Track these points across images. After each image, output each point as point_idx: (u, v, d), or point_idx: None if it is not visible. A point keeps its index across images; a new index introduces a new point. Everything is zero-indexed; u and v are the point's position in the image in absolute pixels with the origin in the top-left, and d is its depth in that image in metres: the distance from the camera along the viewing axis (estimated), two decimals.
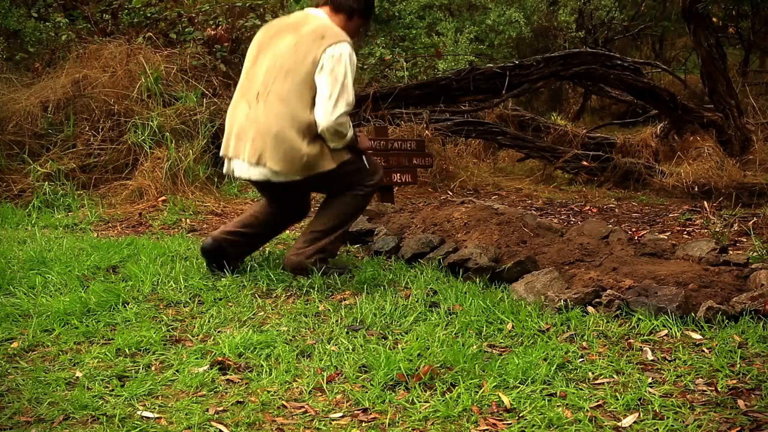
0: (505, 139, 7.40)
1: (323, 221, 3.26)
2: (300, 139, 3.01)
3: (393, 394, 2.16)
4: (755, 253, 3.63)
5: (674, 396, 2.10)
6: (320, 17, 3.20)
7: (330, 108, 3.00)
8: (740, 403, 2.04)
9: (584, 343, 2.49)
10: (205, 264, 3.31)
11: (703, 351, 2.40)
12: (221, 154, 3.27)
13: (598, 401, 2.08)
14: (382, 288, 3.06)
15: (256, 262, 3.31)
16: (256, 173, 3.10)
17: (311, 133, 3.03)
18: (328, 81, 3.01)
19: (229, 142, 3.19)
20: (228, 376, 2.29)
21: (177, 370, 2.33)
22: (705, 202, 5.34)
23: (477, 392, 2.14)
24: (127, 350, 2.47)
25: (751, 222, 4.42)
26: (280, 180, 3.10)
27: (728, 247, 3.65)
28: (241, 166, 3.14)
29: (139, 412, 2.05)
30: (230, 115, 3.23)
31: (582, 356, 2.39)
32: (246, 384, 2.25)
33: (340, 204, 3.26)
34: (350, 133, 3.13)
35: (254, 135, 3.06)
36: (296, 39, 3.11)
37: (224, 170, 3.29)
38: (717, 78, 7.35)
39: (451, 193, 6.23)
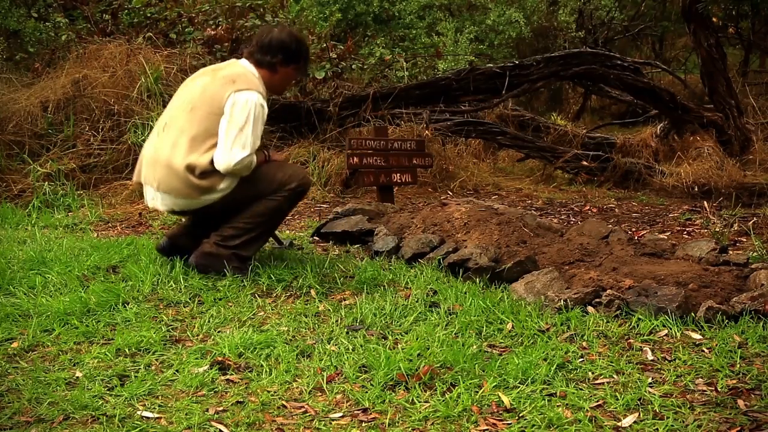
0: (505, 139, 7.39)
1: (240, 220, 3.21)
2: (189, 173, 3.05)
3: (393, 394, 2.17)
4: (755, 253, 3.63)
5: (674, 396, 2.10)
6: (242, 65, 3.26)
7: (227, 152, 3.03)
8: (740, 403, 2.04)
9: (584, 343, 2.49)
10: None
11: (703, 351, 2.40)
12: (134, 180, 3.41)
13: (598, 401, 2.08)
14: (382, 288, 3.06)
15: (256, 262, 3.31)
16: (160, 201, 3.19)
17: (201, 168, 3.05)
18: (228, 126, 3.06)
19: (141, 169, 3.29)
20: (228, 376, 2.29)
21: (177, 370, 2.33)
22: (705, 202, 5.34)
23: (477, 392, 2.14)
24: (127, 350, 2.47)
25: (751, 222, 4.42)
26: (182, 208, 3.20)
27: (728, 247, 3.65)
28: (150, 194, 3.24)
29: (139, 412, 2.05)
30: (145, 144, 3.36)
31: (582, 356, 2.39)
32: (246, 384, 2.25)
33: (257, 207, 3.21)
34: (252, 164, 3.13)
35: (154, 163, 3.17)
36: (209, 80, 3.21)
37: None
38: (717, 78, 7.35)
39: (451, 193, 6.23)
